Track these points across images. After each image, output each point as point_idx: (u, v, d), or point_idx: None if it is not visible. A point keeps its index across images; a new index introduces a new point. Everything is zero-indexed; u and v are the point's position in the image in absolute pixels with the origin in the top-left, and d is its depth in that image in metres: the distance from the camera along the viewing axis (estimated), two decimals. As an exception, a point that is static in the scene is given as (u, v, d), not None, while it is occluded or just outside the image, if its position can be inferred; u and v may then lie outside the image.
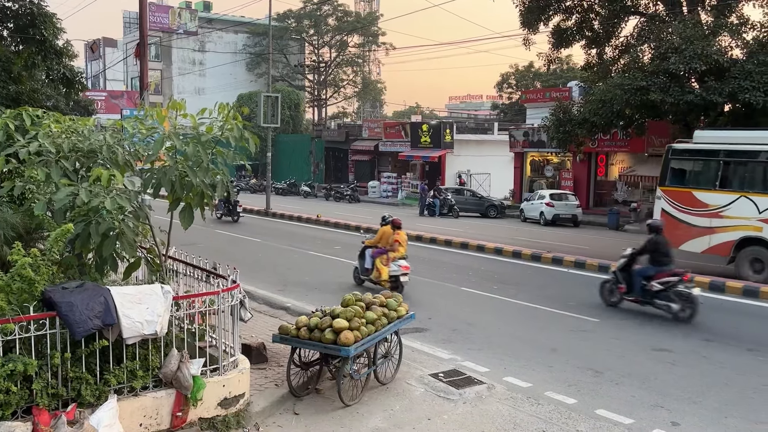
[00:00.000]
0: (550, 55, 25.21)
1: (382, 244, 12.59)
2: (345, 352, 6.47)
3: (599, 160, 32.22)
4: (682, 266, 11.57)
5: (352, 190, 40.38)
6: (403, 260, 12.36)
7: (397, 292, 10.48)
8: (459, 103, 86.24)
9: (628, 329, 10.46)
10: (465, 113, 69.58)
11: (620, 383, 7.84)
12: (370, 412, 6.66)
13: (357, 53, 64.63)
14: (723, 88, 17.73)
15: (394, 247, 12.35)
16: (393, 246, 12.36)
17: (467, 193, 33.80)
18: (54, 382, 5.03)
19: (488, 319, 11.08)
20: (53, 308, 4.97)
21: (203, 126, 6.37)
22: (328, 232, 23.58)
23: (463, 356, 8.75)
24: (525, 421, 6.56)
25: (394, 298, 7.73)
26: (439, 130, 39.63)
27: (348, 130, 49.90)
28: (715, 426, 6.61)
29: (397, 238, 12.48)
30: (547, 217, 27.65)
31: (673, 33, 18.84)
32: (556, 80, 48.90)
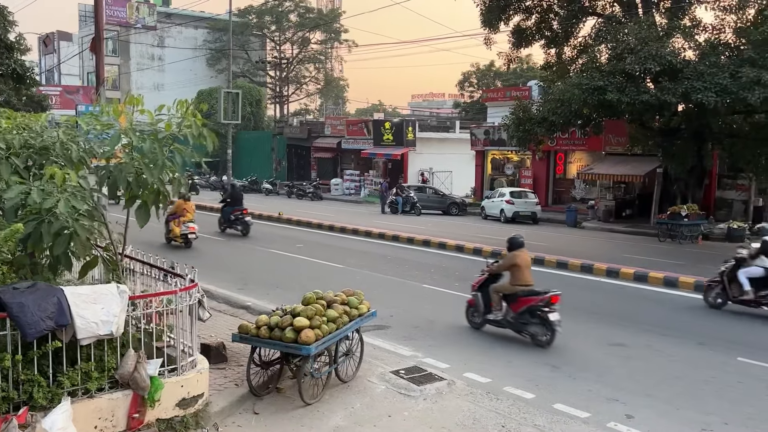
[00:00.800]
0: (510, 55, 25.53)
1: (178, 212, 17.19)
2: (306, 351, 6.45)
3: (558, 159, 32.75)
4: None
5: (315, 188, 40.19)
6: (191, 223, 17.52)
7: (187, 246, 17.26)
8: (421, 101, 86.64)
9: (586, 324, 10.67)
10: (427, 111, 69.96)
11: (577, 378, 8.00)
12: (331, 411, 6.66)
13: (319, 50, 64.36)
14: (676, 89, 18.19)
15: (184, 214, 17.30)
16: (183, 213, 17.25)
17: (429, 190, 33.98)
18: (4, 384, 4.89)
19: (449, 316, 11.16)
20: (3, 309, 4.84)
21: (162, 123, 6.27)
22: (290, 230, 23.45)
23: (425, 353, 8.81)
24: (484, 416, 6.64)
25: (356, 296, 7.74)
26: (402, 128, 39.75)
27: (310, 128, 49.64)
28: (668, 418, 6.80)
29: (186, 207, 17.36)
30: (508, 214, 27.98)
31: (629, 34, 19.25)
32: (516, 79, 49.51)
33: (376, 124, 41.85)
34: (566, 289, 13.82)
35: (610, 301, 12.75)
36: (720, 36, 20.36)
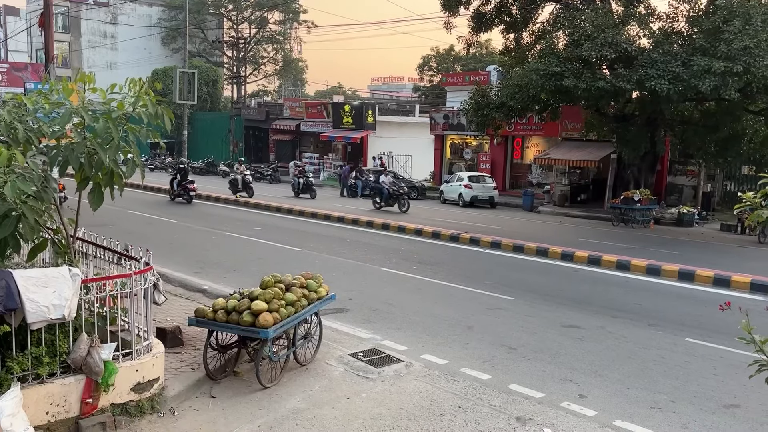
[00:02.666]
0: (470, 39, 25.62)
1: None
2: (264, 335, 6.42)
3: (515, 144, 33.13)
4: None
5: (273, 171, 39.80)
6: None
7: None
8: (381, 84, 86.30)
9: (541, 307, 10.87)
10: (387, 95, 69.75)
11: (532, 359, 8.16)
12: (290, 394, 6.66)
13: (277, 30, 63.39)
14: (631, 76, 18.54)
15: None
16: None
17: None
18: (-50, 371, 4.75)
19: (408, 298, 11.25)
20: (-52, 293, 4.68)
21: (115, 102, 6.09)
22: (248, 213, 23.21)
23: (383, 335, 8.86)
24: (441, 397, 6.72)
25: (315, 279, 7.72)
26: (362, 111, 39.59)
27: (268, 109, 49.02)
28: (619, 397, 7.00)
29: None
30: (466, 198, 28.24)
31: (586, 21, 19.50)
32: (475, 64, 49.71)
33: (335, 106, 41.58)
34: (522, 272, 14.15)
35: (565, 284, 13.02)
36: (673, 25, 20.80)
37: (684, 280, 13.33)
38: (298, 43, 66.25)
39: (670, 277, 13.55)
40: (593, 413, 6.47)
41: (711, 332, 9.24)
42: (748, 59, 16.72)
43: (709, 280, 13.03)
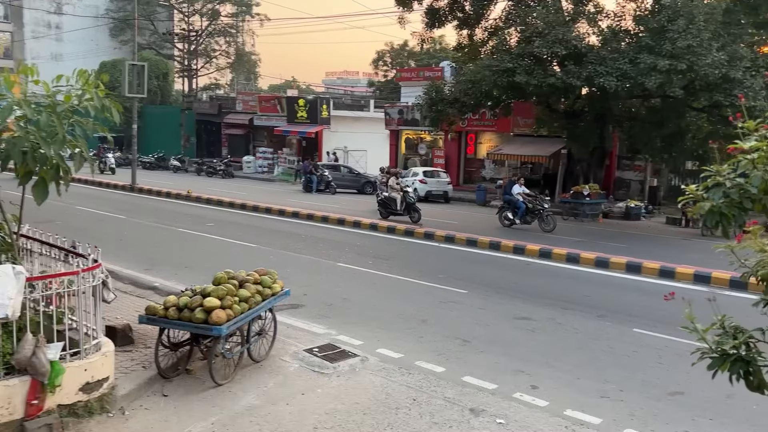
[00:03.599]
0: (424, 35, 25.70)
1: None
2: (217, 331, 6.34)
3: (469, 139, 33.46)
4: None
5: (226, 165, 39.25)
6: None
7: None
8: (336, 78, 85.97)
9: (494, 299, 11.04)
10: (342, 89, 69.51)
11: (485, 351, 8.28)
12: (244, 390, 6.60)
13: (230, 23, 62.42)
14: (581, 73, 18.91)
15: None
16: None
17: (344, 169, 33.96)
18: None
19: (363, 293, 11.27)
20: None
21: (60, 94, 5.91)
22: (200, 209, 22.85)
23: (338, 330, 8.86)
24: (396, 390, 6.77)
25: (269, 275, 7.65)
26: (316, 105, 39.38)
27: (221, 103, 48.29)
28: (569, 387, 7.16)
29: None
30: (421, 193, 28.36)
31: (537, 18, 19.79)
32: (429, 60, 49.97)
33: (289, 100, 41.25)
34: (476, 266, 14.32)
35: (517, 277, 13.24)
36: (621, 23, 21.28)
37: (631, 272, 13.71)
38: (251, 36, 65.36)
39: (618, 270, 13.91)
40: (545, 403, 6.61)
41: (657, 322, 9.52)
42: (692, 57, 17.25)
43: (655, 272, 13.43)
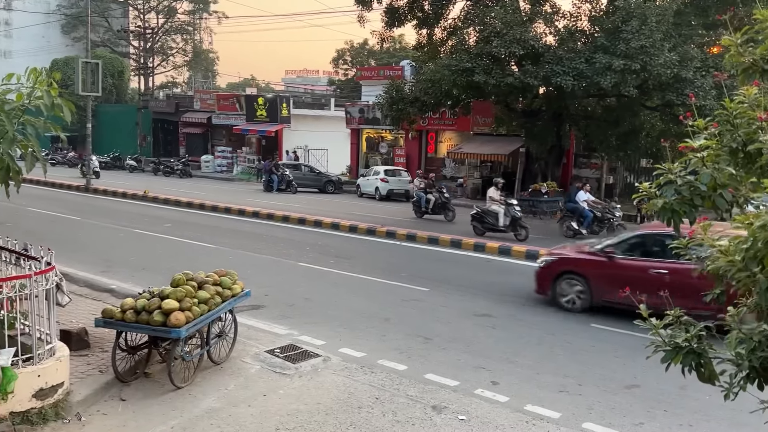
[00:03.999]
0: (384, 34, 25.69)
1: None
2: (176, 334, 6.24)
3: (429, 138, 33.61)
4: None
5: (184, 165, 38.60)
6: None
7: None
8: (296, 77, 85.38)
9: (455, 297, 11.12)
10: (302, 88, 69.09)
11: (447, 348, 8.35)
12: (204, 393, 6.52)
13: (187, 20, 61.43)
14: (538, 72, 19.16)
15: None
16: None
17: (305, 168, 33.74)
18: None
19: (325, 292, 11.23)
20: None
21: (11, 93, 5.73)
22: (158, 209, 22.45)
23: (300, 331, 8.81)
24: (359, 389, 6.77)
25: (229, 276, 7.57)
26: (276, 104, 39.04)
27: (178, 102, 47.50)
28: (529, 382, 7.27)
29: None
30: (382, 192, 28.45)
31: (495, 18, 19.97)
32: (389, 59, 50.04)
33: (248, 99, 40.82)
34: (437, 264, 14.40)
35: (478, 275, 13.37)
36: (577, 23, 21.65)
37: (589, 268, 13.94)
38: (209, 34, 64.58)
39: (576, 266, 14.14)
40: (505, 399, 6.69)
41: (613, 317, 9.71)
42: (645, 58, 17.65)
43: (612, 268, 13.68)
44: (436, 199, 21.48)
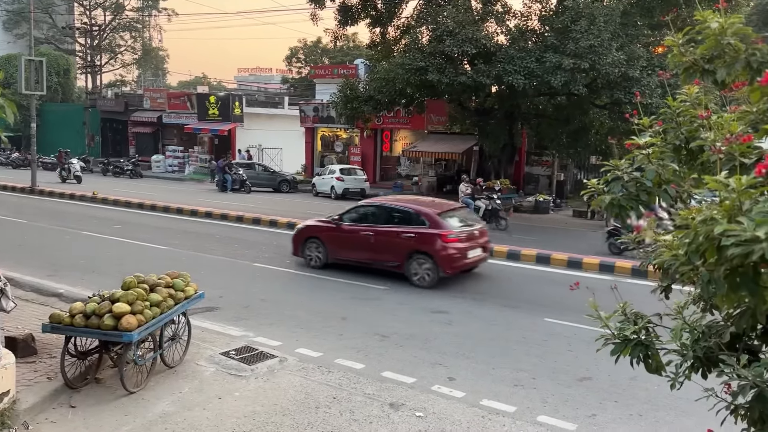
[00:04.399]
0: (337, 32, 25.66)
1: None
2: (127, 338, 6.11)
3: (384, 137, 33.70)
4: None
5: (134, 165, 37.72)
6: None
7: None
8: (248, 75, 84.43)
9: (412, 295, 11.18)
10: (255, 86, 68.37)
11: (404, 345, 8.38)
12: (157, 397, 6.40)
13: (135, 17, 60.04)
14: (490, 71, 19.41)
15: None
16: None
17: (259, 167, 33.38)
18: None
19: (281, 293, 11.15)
20: None
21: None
22: (107, 211, 21.89)
23: (256, 332, 8.73)
24: (316, 389, 6.74)
25: (182, 278, 7.45)
26: (228, 102, 38.55)
27: (127, 100, 46.44)
28: (485, 377, 7.36)
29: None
30: (338, 191, 28.38)
31: (447, 17, 20.14)
32: (343, 57, 49.94)
33: (200, 97, 40.18)
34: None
35: (434, 272, 13.43)
36: (527, 23, 22.01)
37: (541, 263, 14.23)
38: (158, 31, 63.19)
39: (529, 261, 14.41)
40: (462, 394, 6.76)
41: (566, 311, 9.92)
42: (594, 57, 18.06)
43: (564, 263, 14.01)
44: (486, 206, 19.21)
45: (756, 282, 1.94)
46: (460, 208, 14.04)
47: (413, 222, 12.18)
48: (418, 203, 13.16)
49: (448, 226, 12.02)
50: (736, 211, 1.92)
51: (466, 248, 12.11)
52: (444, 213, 12.40)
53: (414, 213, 12.31)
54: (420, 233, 11.91)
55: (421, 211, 12.26)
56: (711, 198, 2.19)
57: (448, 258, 11.74)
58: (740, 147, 2.25)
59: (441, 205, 13.18)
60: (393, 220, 12.52)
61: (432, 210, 12.33)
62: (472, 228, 12.60)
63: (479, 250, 12.57)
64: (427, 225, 11.98)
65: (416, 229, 11.99)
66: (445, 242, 11.72)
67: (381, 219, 12.67)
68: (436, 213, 12.19)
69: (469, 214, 14.57)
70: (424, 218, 12.11)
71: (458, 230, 12.14)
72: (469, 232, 12.41)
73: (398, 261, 12.13)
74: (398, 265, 12.13)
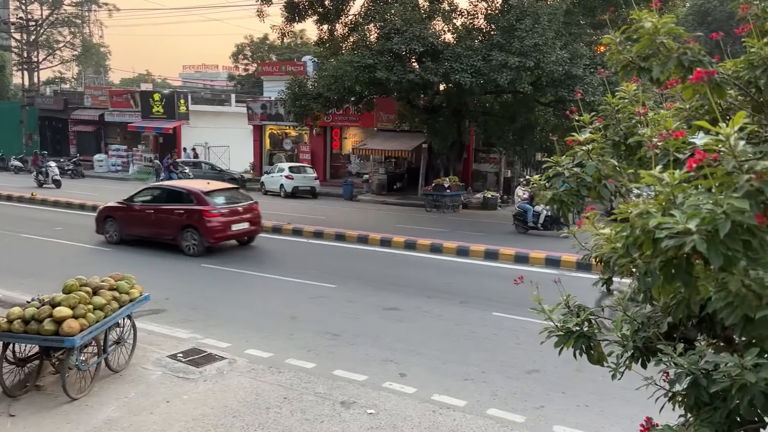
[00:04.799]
0: (284, 29, 25.42)
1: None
2: (69, 343, 5.93)
3: (334, 134, 33.59)
4: None
5: (75, 165, 36.54)
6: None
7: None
8: (194, 72, 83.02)
9: (362, 292, 11.18)
10: (201, 83, 67.20)
11: (355, 343, 8.38)
12: (102, 403, 6.22)
13: (74, 12, 58.17)
14: (438, 69, 19.57)
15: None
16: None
17: (206, 166, 32.82)
18: None
19: (230, 294, 11.00)
20: None
21: None
22: (47, 212, 21.17)
23: (204, 334, 8.59)
24: (267, 390, 6.68)
25: (126, 280, 7.26)
26: (173, 100, 37.77)
27: (67, 98, 45.01)
28: (436, 372, 7.43)
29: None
30: (287, 189, 28.15)
31: (395, 15, 20.21)
32: (291, 54, 49.53)
33: (143, 95, 39.25)
34: (344, 260, 14.44)
35: (384, 269, 13.50)
36: (474, 21, 22.27)
37: (490, 259, 14.44)
38: (99, 27, 61.46)
39: (477, 257, 14.60)
40: (413, 390, 6.81)
41: (514, 305, 10.09)
42: (538, 55, 18.41)
43: (511, 258, 14.24)
44: (547, 212, 18.00)
45: (689, 273, 2.01)
46: (231, 189, 16.06)
47: (184, 200, 14.28)
48: (191, 184, 15.40)
49: (212, 203, 14.11)
50: (669, 205, 1.99)
51: (228, 222, 14.21)
52: (211, 192, 14.47)
53: (185, 192, 14.39)
54: (188, 209, 14.03)
55: (190, 190, 14.40)
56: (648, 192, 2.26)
57: (210, 230, 13.85)
58: (675, 142, 2.32)
59: (211, 185, 15.18)
60: (170, 199, 14.51)
61: (199, 189, 14.41)
62: (236, 205, 14.71)
63: (246, 224, 14.74)
64: (194, 202, 14.11)
65: (186, 206, 14.11)
66: (207, 216, 13.81)
67: (161, 199, 14.71)
68: (203, 192, 14.25)
69: (239, 193, 16.28)
70: (192, 197, 14.18)
71: (221, 206, 14.22)
72: (233, 208, 14.49)
73: (173, 234, 14.21)
74: (173, 238, 14.20)
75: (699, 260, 1.98)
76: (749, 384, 2.04)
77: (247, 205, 14.98)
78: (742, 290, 1.95)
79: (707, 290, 2.09)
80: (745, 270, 1.96)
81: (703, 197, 1.90)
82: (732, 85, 2.50)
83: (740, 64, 2.53)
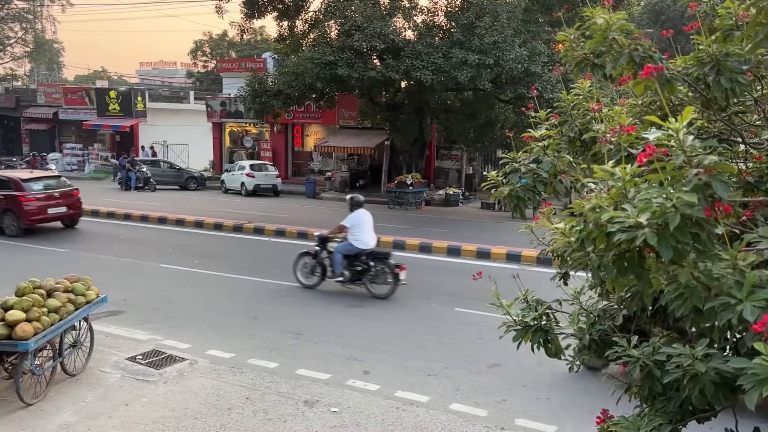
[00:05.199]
0: (244, 25, 25.13)
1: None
2: (23, 347, 5.77)
3: (296, 132, 33.37)
4: None
5: (28, 164, 35.59)
6: None
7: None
8: (152, 69, 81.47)
9: (326, 291, 11.14)
10: (158, 80, 66.02)
11: (318, 342, 8.35)
12: (58, 408, 6.08)
13: (26, 8, 56.51)
14: (399, 66, 19.59)
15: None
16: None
17: (164, 164, 32.28)
18: None
19: (190, 294, 10.84)
20: None
21: None
22: None
23: (164, 335, 8.45)
24: (228, 391, 6.61)
25: (82, 282, 7.10)
26: (130, 97, 37.02)
27: (19, 95, 43.75)
28: (399, 369, 7.45)
29: None
30: (248, 187, 27.87)
31: (355, 11, 20.14)
32: (251, 51, 49.01)
33: (99, 92, 38.36)
34: (306, 258, 14.32)
35: (347, 267, 13.44)
36: (434, 18, 22.35)
37: (452, 255, 14.54)
38: (52, 23, 59.75)
39: (440, 254, 14.68)
40: (376, 387, 6.82)
41: (476, 301, 10.17)
42: (498, 53, 18.58)
43: (473, 254, 14.37)
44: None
45: (641, 266, 2.05)
46: (52, 177, 17.41)
47: (5, 187, 15.75)
48: (12, 173, 17.20)
49: (28, 189, 15.72)
50: (621, 199, 2.02)
51: (44, 206, 15.84)
52: (30, 180, 16.09)
53: (7, 180, 15.91)
54: (7, 195, 15.60)
55: (10, 178, 16.01)
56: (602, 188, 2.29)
57: (25, 213, 15.50)
58: (627, 138, 2.37)
59: (33, 174, 17.03)
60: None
61: (18, 177, 16.09)
62: (53, 191, 16.26)
63: (63, 208, 16.40)
64: (12, 188, 15.65)
65: (7, 192, 15.65)
66: (22, 201, 15.46)
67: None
68: (21, 179, 15.88)
69: (61, 182, 17.16)
70: (11, 183, 15.75)
71: (37, 192, 15.83)
72: (49, 194, 16.08)
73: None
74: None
75: (651, 253, 2.02)
76: (700, 374, 2.09)
77: (65, 191, 16.53)
78: (691, 282, 2.00)
79: (659, 283, 2.13)
80: (694, 263, 2.01)
81: (653, 191, 1.94)
82: (682, 82, 2.56)
83: (689, 61, 2.59)
